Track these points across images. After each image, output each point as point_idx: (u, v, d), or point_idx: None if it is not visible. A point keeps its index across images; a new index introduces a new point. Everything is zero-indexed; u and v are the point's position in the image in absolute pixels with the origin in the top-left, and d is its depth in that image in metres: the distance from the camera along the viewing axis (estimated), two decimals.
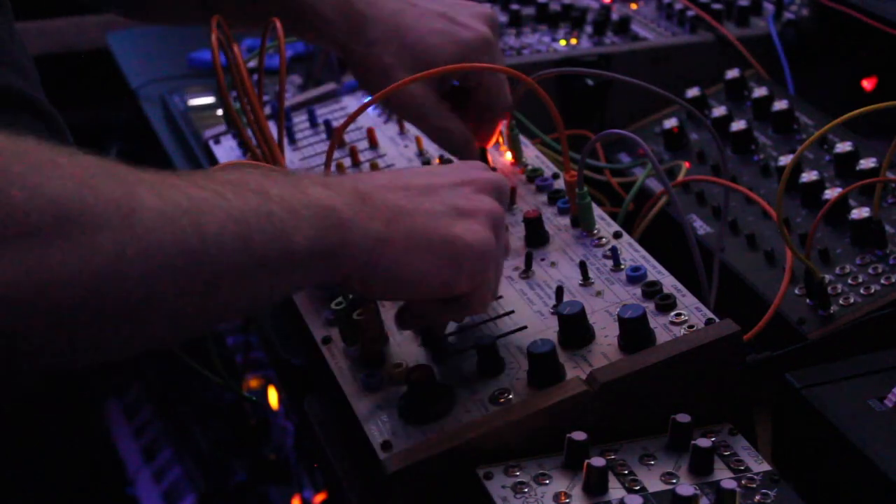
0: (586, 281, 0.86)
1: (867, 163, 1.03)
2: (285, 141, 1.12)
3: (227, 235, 0.63)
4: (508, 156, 1.04)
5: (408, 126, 1.13)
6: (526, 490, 0.71)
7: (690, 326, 0.79)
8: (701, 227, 1.08)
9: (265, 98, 1.16)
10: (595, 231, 0.91)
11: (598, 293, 0.85)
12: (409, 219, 0.72)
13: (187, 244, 0.61)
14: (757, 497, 0.70)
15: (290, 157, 1.15)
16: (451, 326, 0.84)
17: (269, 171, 0.72)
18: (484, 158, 1.02)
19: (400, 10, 0.99)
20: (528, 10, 1.43)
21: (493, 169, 1.00)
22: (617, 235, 0.91)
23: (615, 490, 0.70)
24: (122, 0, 1.12)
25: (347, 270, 0.70)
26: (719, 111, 1.20)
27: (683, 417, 0.74)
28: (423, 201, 0.73)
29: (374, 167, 1.07)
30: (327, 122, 1.19)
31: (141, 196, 0.60)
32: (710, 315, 0.80)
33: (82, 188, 0.58)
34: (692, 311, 0.80)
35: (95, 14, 1.16)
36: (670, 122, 1.22)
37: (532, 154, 1.05)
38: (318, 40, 1.06)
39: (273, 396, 1.41)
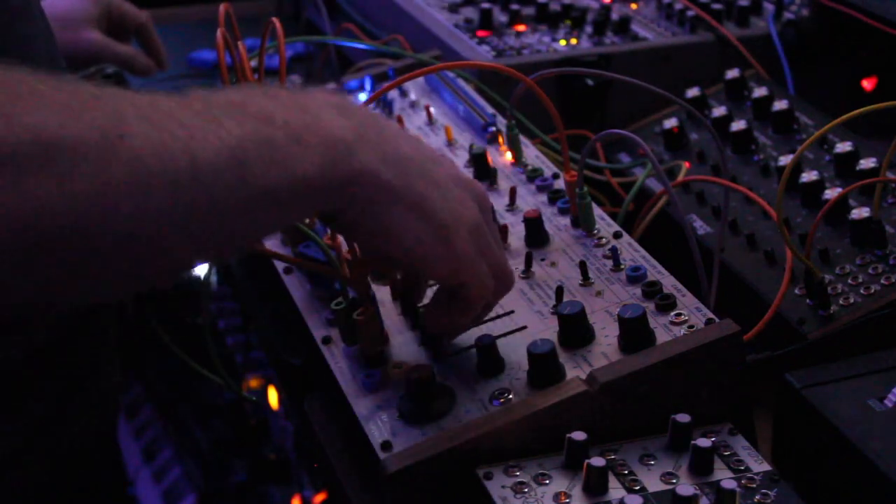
0: (586, 281, 0.86)
1: (867, 163, 1.03)
2: None
3: (222, 164, 0.60)
4: (508, 156, 1.04)
5: (408, 126, 1.13)
6: (526, 490, 0.71)
7: (690, 326, 0.79)
8: (701, 227, 1.08)
9: None
10: (595, 231, 0.91)
11: (598, 293, 0.85)
12: (419, 183, 0.70)
13: (179, 173, 0.59)
14: (757, 497, 0.70)
15: None
16: None
17: (278, 90, 0.67)
18: (484, 160, 1.02)
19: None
20: (529, 10, 1.43)
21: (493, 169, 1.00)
22: (617, 235, 0.91)
23: (615, 490, 0.70)
24: None
25: (348, 204, 0.68)
26: (719, 111, 1.20)
27: (683, 417, 0.74)
28: (433, 173, 0.71)
29: None
30: None
31: (129, 123, 0.58)
32: (710, 315, 0.80)
33: (64, 115, 0.56)
34: (692, 311, 0.80)
35: None
36: (670, 122, 1.22)
37: (532, 154, 1.05)
38: None
39: (273, 396, 1.41)
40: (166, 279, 0.64)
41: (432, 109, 1.14)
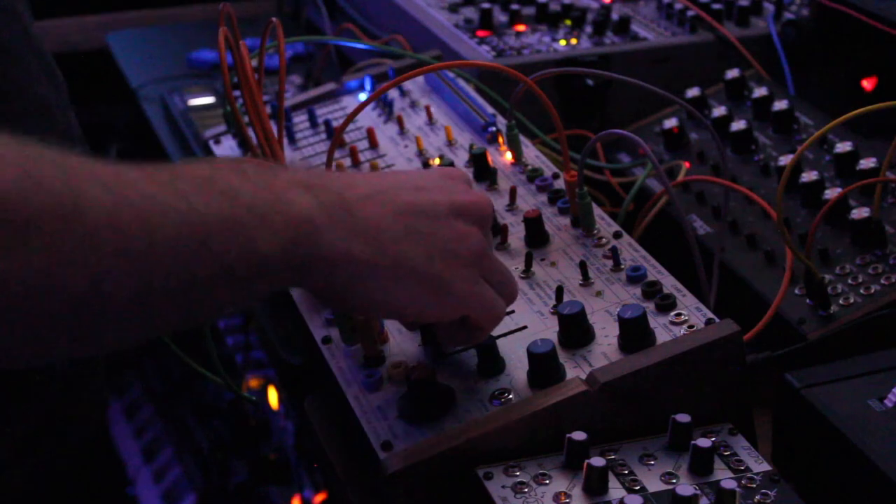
0: (586, 281, 0.86)
1: (867, 163, 1.03)
2: (285, 141, 1.12)
3: (182, 240, 0.60)
4: (508, 156, 1.04)
5: (407, 126, 1.13)
6: (526, 490, 0.71)
7: (690, 326, 0.79)
8: (701, 227, 1.08)
9: (265, 98, 1.16)
10: (595, 231, 0.91)
11: (598, 293, 0.85)
12: (393, 245, 0.68)
13: (133, 247, 0.58)
14: (757, 497, 0.70)
15: (291, 157, 1.15)
16: None
17: (247, 166, 0.66)
18: (484, 160, 1.02)
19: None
20: (529, 10, 1.43)
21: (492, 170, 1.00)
22: (617, 235, 0.91)
23: (615, 490, 0.70)
24: None
25: (320, 283, 0.67)
26: (719, 111, 1.20)
27: (683, 417, 0.74)
28: (409, 224, 0.69)
29: (374, 167, 1.07)
30: (327, 122, 1.19)
31: (88, 193, 0.57)
32: (710, 315, 0.80)
33: (24, 182, 0.55)
34: (692, 311, 0.80)
35: None
36: (670, 122, 1.22)
37: (532, 154, 1.05)
38: None
39: (273, 396, 1.41)
40: (122, 347, 0.63)
41: (432, 109, 1.14)
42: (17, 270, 0.55)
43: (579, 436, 0.72)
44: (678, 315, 0.80)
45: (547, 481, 0.71)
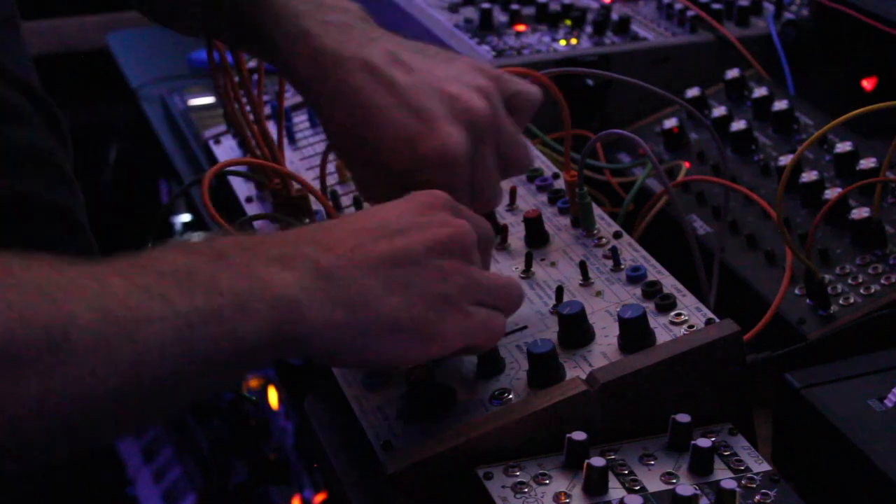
0: (586, 281, 0.86)
1: (867, 163, 1.03)
2: (285, 141, 1.12)
3: (167, 343, 0.60)
4: None
5: None
6: (526, 490, 0.71)
7: (690, 326, 0.79)
8: (701, 227, 1.08)
9: (265, 98, 1.16)
10: (595, 231, 0.91)
11: (598, 293, 0.85)
12: (372, 303, 0.68)
13: (123, 363, 0.59)
14: (757, 497, 0.70)
15: (290, 157, 1.15)
16: None
17: (226, 247, 0.66)
18: None
19: (367, 94, 0.80)
20: (529, 10, 1.43)
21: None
22: (617, 235, 0.91)
23: (615, 490, 0.70)
24: None
25: (307, 354, 0.68)
26: (719, 111, 1.20)
27: (683, 417, 0.74)
28: (389, 277, 0.69)
29: None
30: None
31: (75, 317, 0.58)
32: (710, 315, 0.80)
33: (15, 320, 0.56)
34: (692, 311, 0.80)
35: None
36: (670, 122, 1.22)
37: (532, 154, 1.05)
38: (291, 84, 0.91)
39: (273, 396, 1.41)
40: (110, 442, 0.66)
41: None
42: (7, 410, 0.56)
43: (579, 436, 0.72)
44: (678, 315, 0.80)
45: (547, 481, 0.71)
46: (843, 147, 1.07)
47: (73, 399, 0.58)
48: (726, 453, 0.74)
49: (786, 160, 1.08)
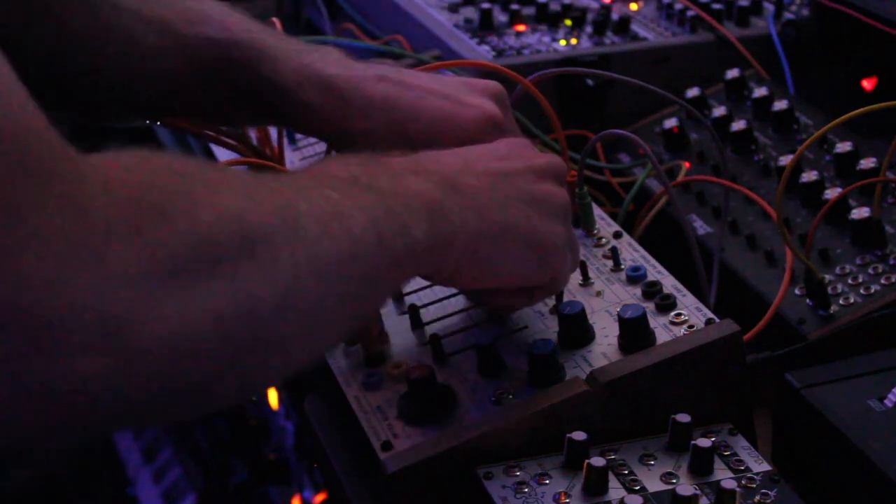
0: (586, 281, 0.86)
1: (867, 163, 1.03)
2: (285, 141, 1.12)
3: (368, 235, 0.62)
4: None
5: None
6: (526, 490, 0.71)
7: (690, 326, 0.79)
8: (701, 227, 1.08)
9: None
10: (595, 231, 0.91)
11: (598, 293, 0.85)
12: (500, 212, 0.71)
13: (343, 249, 0.60)
14: (757, 497, 0.70)
15: (290, 157, 1.15)
16: (452, 326, 0.84)
17: (365, 160, 0.69)
18: None
19: (393, 96, 0.84)
20: (529, 10, 1.43)
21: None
22: (617, 235, 0.91)
23: (615, 490, 0.70)
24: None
25: (451, 261, 0.70)
26: (719, 111, 1.20)
27: (683, 417, 0.74)
28: (505, 190, 0.73)
29: None
30: None
31: (298, 206, 0.59)
32: (710, 315, 0.80)
33: (252, 203, 0.57)
34: (692, 311, 0.80)
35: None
36: (670, 122, 1.22)
37: None
38: (304, 130, 0.90)
39: (273, 396, 1.41)
40: (311, 361, 0.65)
41: None
42: (269, 288, 0.56)
43: (579, 436, 0.72)
44: (678, 315, 0.80)
45: (547, 481, 0.71)
46: (843, 147, 1.07)
47: (311, 280, 0.58)
48: (726, 453, 0.74)
49: (786, 160, 1.08)
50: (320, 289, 0.59)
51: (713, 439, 0.73)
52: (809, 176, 1.05)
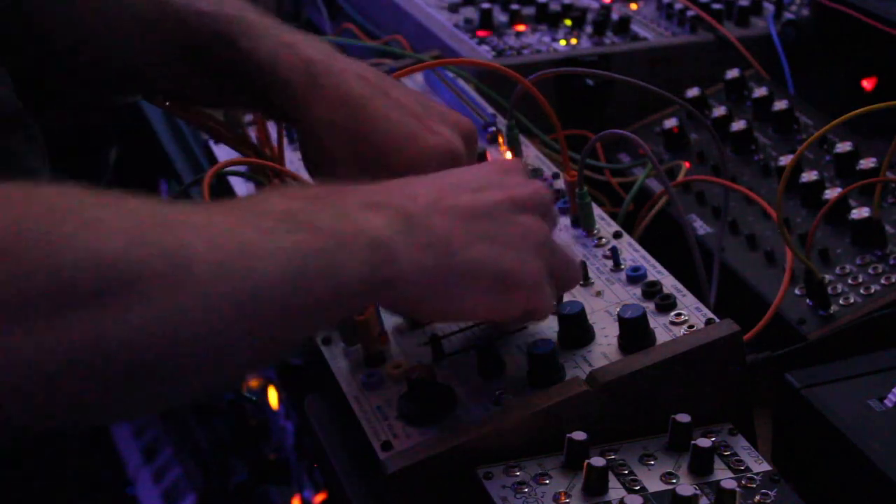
0: (586, 281, 0.86)
1: (867, 163, 1.03)
2: (285, 141, 1.12)
3: (281, 279, 0.61)
4: (508, 156, 1.04)
5: None
6: (526, 490, 0.71)
7: (690, 326, 0.79)
8: (701, 227, 1.08)
9: None
10: (595, 231, 0.91)
11: (598, 293, 0.85)
12: (460, 252, 0.69)
13: (242, 294, 0.59)
14: (757, 497, 0.70)
15: (290, 157, 1.15)
16: (452, 326, 0.84)
17: (318, 192, 0.68)
18: (484, 159, 1.02)
19: (366, 97, 0.83)
20: (529, 10, 1.43)
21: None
22: (617, 235, 0.91)
23: (615, 490, 0.70)
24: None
25: (396, 300, 0.69)
26: (719, 111, 1.20)
27: (683, 417, 0.74)
28: (473, 227, 0.70)
29: None
30: None
31: (192, 247, 0.58)
32: (710, 315, 0.80)
33: (132, 244, 0.56)
34: (692, 311, 0.80)
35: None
36: (670, 122, 1.22)
37: (532, 154, 1.05)
38: (275, 112, 0.90)
39: (273, 396, 1.41)
40: (221, 389, 0.64)
41: None
42: (136, 337, 0.55)
43: (579, 436, 0.72)
44: (678, 315, 0.80)
45: (547, 481, 0.71)
46: (843, 147, 1.07)
47: (194, 326, 0.57)
48: (726, 453, 0.74)
49: (786, 160, 1.08)
50: (209, 330, 0.58)
51: (713, 439, 0.73)
52: (809, 176, 1.05)
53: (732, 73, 1.26)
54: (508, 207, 0.72)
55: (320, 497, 1.33)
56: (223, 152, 1.22)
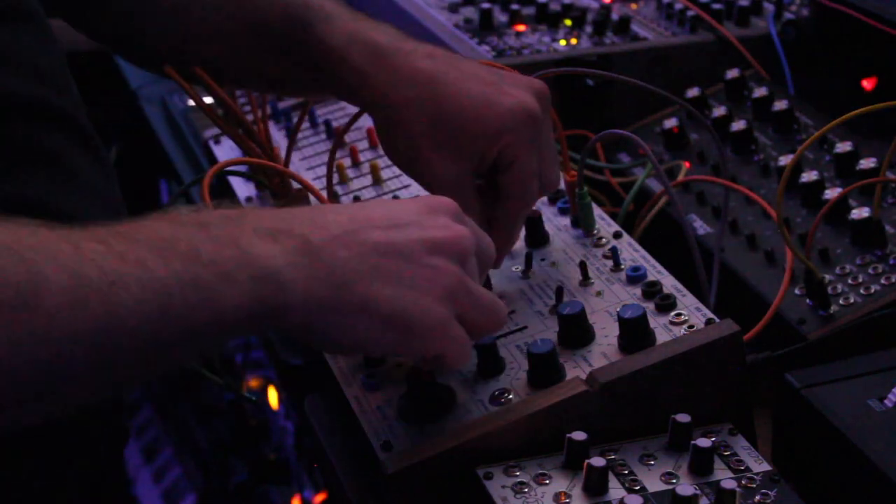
0: (586, 281, 0.86)
1: (867, 163, 1.03)
2: (285, 141, 1.12)
3: (144, 309, 0.60)
4: None
5: None
6: (526, 490, 0.71)
7: (690, 326, 0.79)
8: (701, 227, 1.08)
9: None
10: (595, 231, 0.91)
11: (598, 293, 0.85)
12: (359, 286, 0.68)
13: (96, 324, 0.59)
14: (757, 497, 0.70)
15: (290, 157, 1.14)
16: None
17: (211, 218, 0.66)
18: None
19: (439, 72, 0.84)
20: (529, 10, 1.43)
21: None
22: (617, 235, 0.91)
23: (615, 490, 0.70)
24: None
25: (286, 328, 0.68)
26: (719, 111, 1.20)
27: (683, 417, 0.74)
28: (378, 264, 0.69)
29: (373, 168, 1.07)
30: (327, 122, 1.19)
31: (47, 276, 0.58)
32: (710, 315, 0.80)
33: None
34: (692, 311, 0.80)
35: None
36: (670, 122, 1.22)
37: None
38: (347, 95, 0.91)
39: (273, 396, 1.41)
40: (85, 404, 0.64)
41: None
42: None
43: (579, 436, 0.72)
44: (678, 315, 0.80)
45: (547, 481, 0.71)
46: (843, 147, 1.07)
47: (42, 358, 0.58)
48: (726, 453, 0.74)
49: (786, 160, 1.08)
50: (50, 364, 0.58)
51: (713, 439, 0.73)
52: (809, 176, 1.05)
53: (732, 73, 1.26)
54: (421, 249, 0.70)
55: (320, 497, 1.33)
56: (223, 152, 1.22)
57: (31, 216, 0.82)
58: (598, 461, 0.70)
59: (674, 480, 0.71)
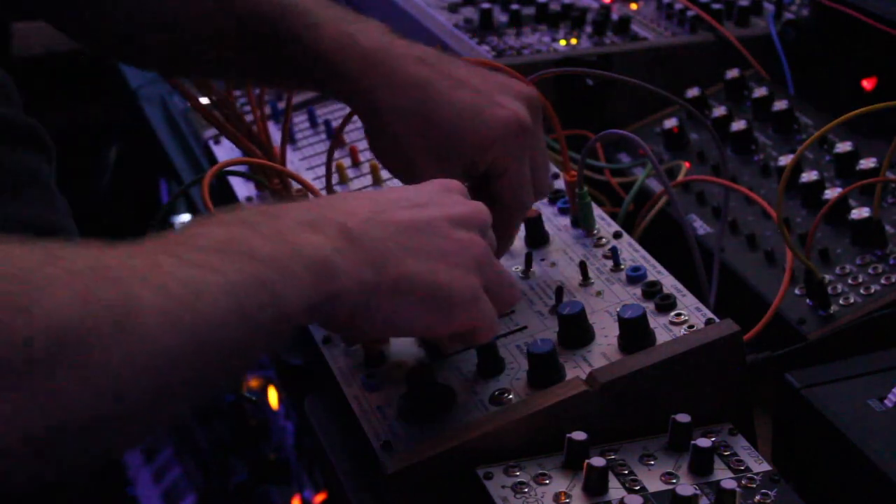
0: (586, 281, 0.86)
1: (867, 163, 1.03)
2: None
3: (224, 313, 0.61)
4: None
5: None
6: (526, 490, 0.71)
7: (690, 326, 0.79)
8: (701, 227, 1.08)
9: (265, 98, 1.16)
10: (595, 231, 0.91)
11: (598, 293, 0.85)
12: (397, 265, 0.69)
13: (190, 337, 0.59)
14: (757, 497, 0.70)
15: (290, 157, 1.15)
16: None
17: (252, 216, 0.67)
18: None
19: (430, 80, 0.84)
20: (528, 10, 1.43)
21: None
22: (617, 235, 0.91)
23: (615, 490, 0.70)
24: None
25: (339, 317, 0.69)
26: (719, 111, 1.20)
27: (683, 417, 0.74)
28: (409, 242, 0.70)
29: (373, 168, 1.07)
30: (327, 122, 1.19)
31: (139, 297, 0.57)
32: (710, 315, 0.80)
33: (78, 303, 0.55)
34: (692, 311, 0.80)
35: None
36: (670, 122, 1.22)
37: None
38: (334, 96, 0.93)
39: (273, 396, 1.41)
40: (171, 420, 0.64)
41: None
42: (88, 396, 0.55)
43: (579, 436, 0.72)
44: (678, 315, 0.80)
45: (547, 481, 0.71)
46: (843, 147, 1.07)
47: (145, 376, 0.57)
48: (726, 453, 0.74)
49: (786, 160, 1.08)
50: (154, 384, 0.58)
51: (713, 439, 0.73)
52: (809, 176, 1.05)
53: (732, 73, 1.26)
54: (447, 223, 0.72)
55: (320, 497, 1.33)
56: (223, 152, 1.22)
57: (35, 236, 0.81)
58: (598, 461, 0.70)
59: (674, 480, 0.71)
